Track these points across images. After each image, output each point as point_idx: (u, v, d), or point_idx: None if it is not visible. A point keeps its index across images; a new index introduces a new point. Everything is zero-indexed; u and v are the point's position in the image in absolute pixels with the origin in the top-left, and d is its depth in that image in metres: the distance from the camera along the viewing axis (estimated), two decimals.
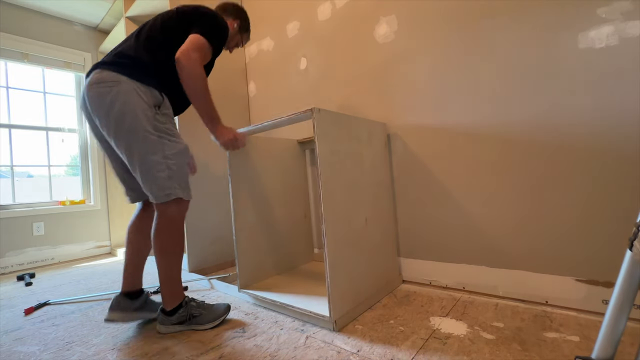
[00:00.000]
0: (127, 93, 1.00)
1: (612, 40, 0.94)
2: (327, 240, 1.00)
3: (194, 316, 1.11)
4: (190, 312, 1.10)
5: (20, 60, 2.44)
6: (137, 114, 1.00)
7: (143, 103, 1.01)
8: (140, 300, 1.15)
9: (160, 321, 1.10)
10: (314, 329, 1.03)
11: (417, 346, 0.89)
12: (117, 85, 1.00)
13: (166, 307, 1.09)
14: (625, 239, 0.94)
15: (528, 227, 1.10)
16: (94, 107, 1.02)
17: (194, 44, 1.07)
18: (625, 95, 0.93)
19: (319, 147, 1.02)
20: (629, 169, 0.93)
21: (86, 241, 2.65)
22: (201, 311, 1.12)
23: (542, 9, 1.05)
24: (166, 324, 1.09)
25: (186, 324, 1.10)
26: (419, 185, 1.36)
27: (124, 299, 1.12)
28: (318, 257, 1.74)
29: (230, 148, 1.21)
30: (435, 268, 1.32)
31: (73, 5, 2.49)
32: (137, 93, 1.01)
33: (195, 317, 1.11)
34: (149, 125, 1.01)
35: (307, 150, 1.77)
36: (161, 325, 1.09)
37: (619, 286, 0.59)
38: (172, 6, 1.80)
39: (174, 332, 1.09)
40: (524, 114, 1.10)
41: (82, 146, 2.73)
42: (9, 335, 1.17)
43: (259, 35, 2.08)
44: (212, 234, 1.87)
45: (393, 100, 1.43)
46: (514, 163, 1.12)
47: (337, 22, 1.64)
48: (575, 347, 0.83)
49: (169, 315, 1.09)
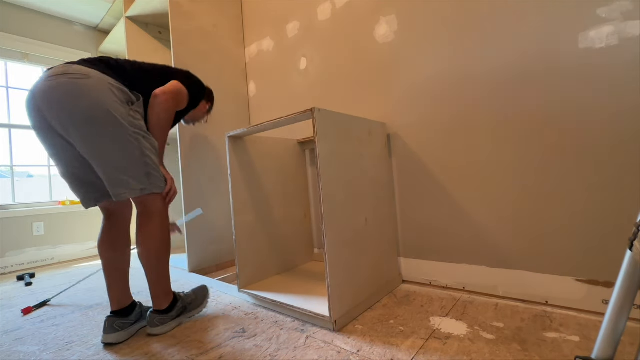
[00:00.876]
0: (98, 86, 0.93)
1: (612, 40, 0.94)
2: (327, 240, 1.00)
3: (189, 304, 1.14)
4: (185, 302, 1.14)
5: (20, 60, 2.44)
6: (110, 108, 0.93)
7: (116, 98, 0.96)
8: (135, 313, 1.10)
9: (156, 322, 1.06)
10: (314, 329, 1.03)
11: (417, 346, 0.89)
12: (85, 78, 0.92)
13: (161, 306, 1.08)
14: (625, 239, 0.94)
15: (528, 227, 1.10)
16: (52, 99, 0.90)
17: (175, 87, 1.13)
18: (625, 95, 0.93)
19: (319, 147, 1.02)
20: (629, 169, 0.93)
21: (86, 241, 2.65)
22: (191, 297, 1.17)
23: (542, 9, 1.05)
24: (166, 322, 1.08)
25: (185, 314, 1.12)
26: (419, 185, 1.36)
27: (118, 319, 1.05)
28: (318, 257, 1.74)
29: (165, 194, 1.10)
30: (435, 268, 1.32)
31: (73, 5, 2.49)
32: (110, 88, 0.95)
33: (190, 304, 1.14)
34: (125, 120, 0.96)
35: (307, 150, 1.77)
36: (158, 326, 1.06)
37: (619, 286, 0.59)
38: (172, 6, 1.81)
39: (171, 330, 1.09)
40: (524, 113, 1.10)
41: None
42: (9, 335, 1.17)
43: (259, 35, 2.08)
44: (212, 234, 1.87)
45: (393, 100, 1.43)
46: (513, 163, 1.12)
47: (337, 22, 1.64)
48: (575, 347, 0.83)
49: (168, 312, 1.08)
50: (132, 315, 1.09)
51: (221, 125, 1.99)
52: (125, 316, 1.07)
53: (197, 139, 1.85)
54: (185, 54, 1.83)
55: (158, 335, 1.07)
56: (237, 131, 1.28)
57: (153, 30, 2.46)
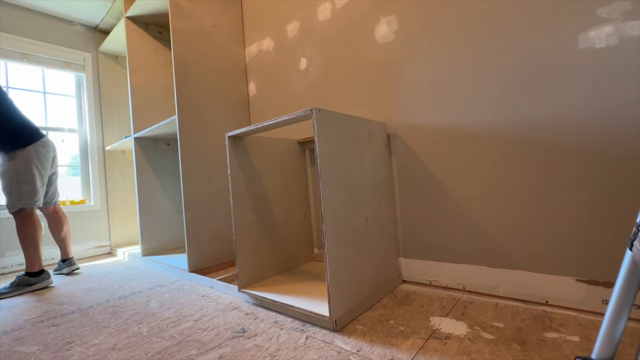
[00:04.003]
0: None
1: (612, 40, 0.94)
2: (327, 240, 1.00)
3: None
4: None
5: (20, 60, 2.44)
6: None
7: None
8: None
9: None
10: (314, 329, 1.03)
11: (417, 346, 0.89)
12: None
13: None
14: (625, 239, 0.94)
15: (528, 227, 1.10)
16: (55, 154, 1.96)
17: None
18: (625, 95, 0.93)
19: (319, 147, 1.02)
20: (629, 169, 0.93)
21: (86, 241, 2.65)
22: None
23: (542, 9, 1.05)
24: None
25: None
26: (419, 185, 1.36)
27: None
28: (318, 257, 1.74)
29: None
30: (435, 268, 1.32)
31: (73, 5, 2.49)
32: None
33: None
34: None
35: (307, 150, 1.77)
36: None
37: (619, 286, 0.59)
38: (172, 6, 1.81)
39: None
40: (524, 113, 1.10)
41: (82, 146, 2.73)
42: (8, 335, 1.17)
43: (259, 35, 2.08)
44: (212, 234, 1.87)
45: (393, 100, 1.43)
46: (514, 163, 1.12)
47: (337, 22, 1.64)
48: (575, 347, 0.83)
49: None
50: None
51: (221, 125, 1.99)
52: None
53: (197, 139, 1.85)
54: (185, 54, 1.83)
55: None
56: (237, 131, 1.28)
57: (153, 30, 2.46)
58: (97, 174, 2.74)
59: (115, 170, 2.83)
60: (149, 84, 2.42)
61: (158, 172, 2.42)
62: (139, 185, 2.30)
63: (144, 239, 2.27)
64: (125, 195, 2.87)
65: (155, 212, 2.37)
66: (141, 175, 2.32)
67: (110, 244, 2.78)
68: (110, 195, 2.79)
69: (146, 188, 2.34)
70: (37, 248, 1.77)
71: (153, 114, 2.42)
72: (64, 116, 2.69)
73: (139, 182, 2.30)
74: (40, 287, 1.75)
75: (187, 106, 1.82)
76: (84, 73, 2.73)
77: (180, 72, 1.80)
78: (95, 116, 2.76)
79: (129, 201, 2.88)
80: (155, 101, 2.45)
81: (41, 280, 1.76)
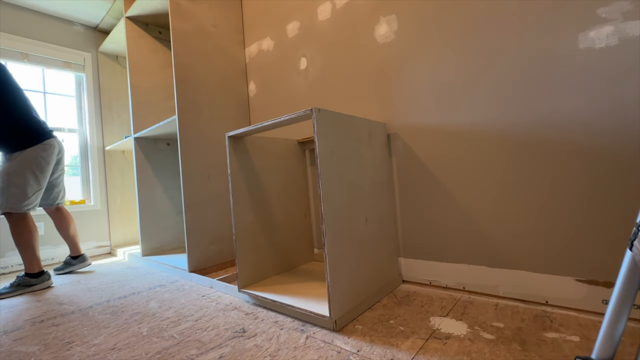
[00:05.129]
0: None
1: (612, 40, 0.94)
2: (327, 240, 1.00)
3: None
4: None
5: (20, 60, 2.44)
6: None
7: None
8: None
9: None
10: (314, 329, 1.03)
11: (417, 346, 0.89)
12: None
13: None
14: (625, 239, 0.94)
15: (528, 227, 1.10)
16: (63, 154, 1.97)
17: None
18: (625, 96, 0.93)
19: (319, 147, 1.02)
20: (629, 169, 0.93)
21: (86, 241, 2.65)
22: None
23: (542, 9, 1.05)
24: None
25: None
26: (419, 185, 1.36)
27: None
28: (318, 257, 1.74)
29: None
30: (435, 268, 1.32)
31: (73, 5, 2.49)
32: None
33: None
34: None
35: (307, 150, 1.77)
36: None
37: (619, 286, 0.59)
38: (172, 6, 1.81)
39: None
40: (524, 114, 1.10)
41: (82, 146, 2.73)
42: (8, 335, 1.17)
43: (259, 35, 2.08)
44: (212, 234, 1.87)
45: (393, 100, 1.43)
46: (513, 163, 1.12)
47: (337, 22, 1.64)
48: (575, 347, 0.83)
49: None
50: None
51: (221, 125, 1.99)
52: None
53: (197, 139, 1.85)
54: (185, 54, 1.83)
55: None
56: (237, 131, 1.28)
57: (153, 30, 2.46)
58: (97, 174, 2.74)
59: (115, 170, 2.83)
60: (149, 84, 2.42)
61: (158, 172, 2.42)
62: (139, 185, 2.30)
63: (144, 239, 2.27)
64: (125, 195, 2.87)
65: (155, 212, 2.37)
66: (141, 175, 2.32)
67: (110, 244, 2.78)
68: (110, 195, 2.79)
69: (146, 188, 2.34)
70: (34, 251, 1.77)
71: (153, 114, 2.42)
72: (64, 116, 2.69)
73: (139, 182, 2.30)
74: (40, 288, 1.75)
75: (187, 106, 1.82)
76: (84, 73, 2.73)
77: (180, 72, 1.80)
78: (95, 116, 2.76)
79: (129, 201, 2.88)
80: (155, 101, 2.45)
81: (41, 282, 1.76)
